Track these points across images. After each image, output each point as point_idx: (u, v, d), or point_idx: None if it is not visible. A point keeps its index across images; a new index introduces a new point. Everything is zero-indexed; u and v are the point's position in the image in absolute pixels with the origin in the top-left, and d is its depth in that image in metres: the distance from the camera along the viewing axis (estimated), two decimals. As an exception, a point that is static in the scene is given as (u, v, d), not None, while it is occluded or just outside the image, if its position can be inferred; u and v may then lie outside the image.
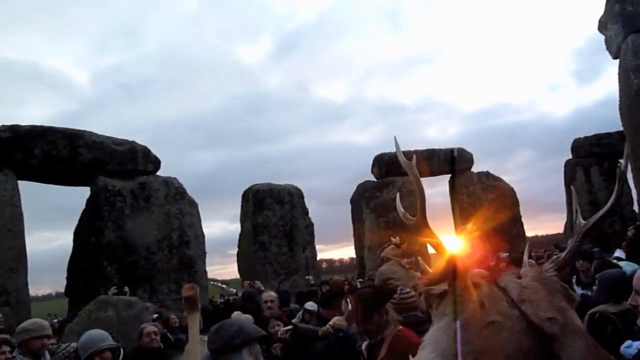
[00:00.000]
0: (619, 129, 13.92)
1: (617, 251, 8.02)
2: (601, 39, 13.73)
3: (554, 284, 1.03)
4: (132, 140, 13.08)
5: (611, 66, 13.37)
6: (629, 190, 16.78)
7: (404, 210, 1.29)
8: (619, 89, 12.61)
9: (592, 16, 14.20)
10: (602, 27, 13.56)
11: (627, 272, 5.06)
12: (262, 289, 7.97)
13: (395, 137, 1.32)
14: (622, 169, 1.24)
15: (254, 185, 16.33)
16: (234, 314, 5.82)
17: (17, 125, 11.30)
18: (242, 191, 16.69)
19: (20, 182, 11.36)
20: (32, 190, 12.81)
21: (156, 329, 5.16)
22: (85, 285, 11.27)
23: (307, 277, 11.53)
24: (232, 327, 2.11)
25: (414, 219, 1.23)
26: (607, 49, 13.42)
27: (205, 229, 13.75)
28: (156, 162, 13.42)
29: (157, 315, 6.77)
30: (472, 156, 18.89)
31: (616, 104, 12.97)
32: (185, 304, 2.24)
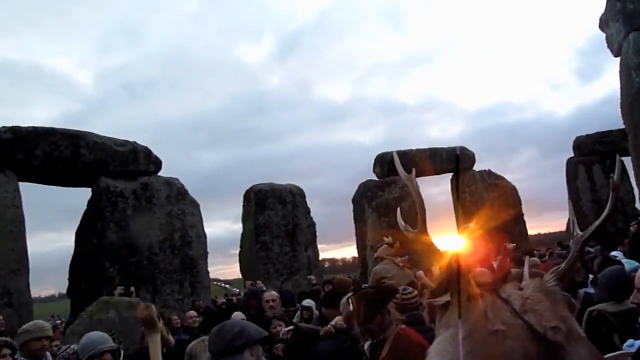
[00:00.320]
0: (621, 127, 13.87)
1: (616, 252, 7.94)
2: (602, 37, 13.68)
3: (557, 294, 1.03)
4: (133, 141, 13.09)
5: (613, 64, 13.33)
6: (632, 188, 16.76)
7: (404, 223, 1.28)
8: (621, 87, 12.57)
9: (593, 14, 14.17)
10: (604, 25, 13.51)
11: (627, 269, 5.05)
12: (264, 289, 7.95)
13: (395, 153, 1.32)
14: (616, 180, 1.22)
15: (256, 185, 16.32)
16: (235, 315, 5.81)
17: (19, 126, 11.30)
18: (244, 191, 16.69)
19: (22, 183, 11.37)
20: (35, 191, 12.84)
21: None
22: (87, 286, 11.28)
23: (309, 277, 11.52)
24: (234, 328, 2.07)
25: (415, 231, 1.23)
26: (609, 47, 13.38)
27: (208, 230, 13.76)
28: (158, 163, 13.43)
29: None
30: (474, 155, 18.88)
31: (618, 103, 12.93)
32: (144, 325, 2.19)
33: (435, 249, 1.21)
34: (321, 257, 18.03)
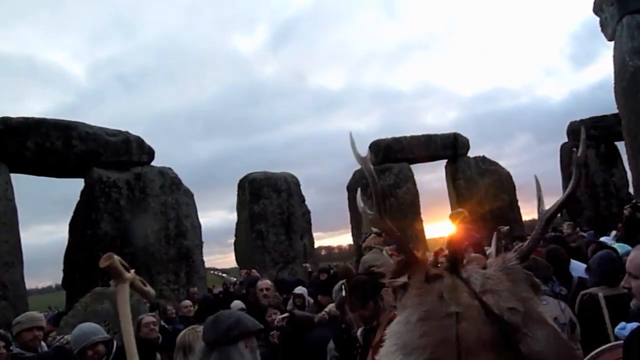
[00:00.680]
0: (615, 111, 13.88)
1: (606, 237, 7.98)
2: (596, 21, 13.64)
3: (518, 273, 1.01)
4: (125, 130, 12.98)
5: (606, 49, 13.31)
6: (625, 172, 16.81)
7: (363, 204, 1.26)
8: (614, 72, 12.55)
9: (587, -2, 14.11)
10: (597, 9, 13.46)
11: (620, 253, 5.07)
12: (259, 278, 7.96)
13: (350, 133, 1.27)
14: (579, 154, 1.22)
15: (251, 174, 16.25)
16: (234, 303, 5.81)
17: (9, 117, 11.17)
18: (239, 180, 16.62)
19: (15, 175, 11.27)
20: (30, 183, 12.74)
21: (154, 320, 5.15)
22: (82, 277, 11.23)
23: (304, 265, 11.54)
24: (230, 318, 2.04)
25: (372, 213, 1.21)
26: (603, 32, 13.34)
27: (204, 219, 13.72)
28: (151, 153, 13.34)
29: (149, 306, 6.74)
30: (468, 141, 18.87)
31: (612, 87, 12.92)
32: (112, 276, 2.18)
33: (392, 232, 1.20)
34: (317, 245, 18.07)
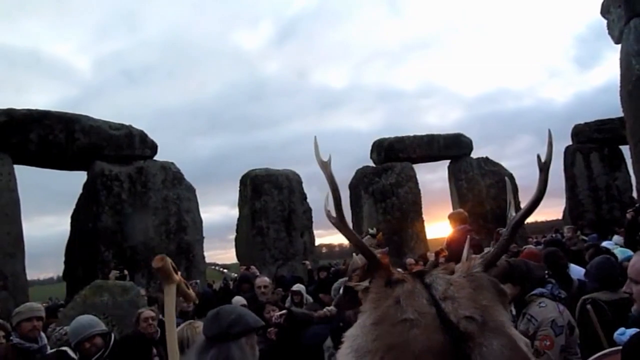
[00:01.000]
0: (620, 115, 13.80)
1: (607, 242, 7.91)
2: (603, 24, 13.56)
3: (481, 280, 0.99)
4: (128, 124, 12.99)
5: (612, 52, 13.22)
6: (629, 176, 16.74)
7: (328, 208, 1.24)
8: (620, 74, 12.48)
9: (594, 1, 14.03)
10: (605, 11, 13.38)
11: (620, 259, 5.06)
12: (257, 274, 7.95)
13: (315, 137, 1.27)
14: (544, 160, 1.18)
15: (252, 170, 16.24)
16: (236, 299, 5.81)
17: (13, 109, 11.19)
18: (240, 176, 16.62)
19: (17, 167, 11.29)
20: (33, 175, 12.77)
21: (154, 314, 5.14)
22: (83, 270, 11.28)
23: (304, 262, 11.53)
24: (231, 314, 2.02)
25: (334, 217, 1.21)
26: (609, 34, 13.26)
27: (205, 214, 13.71)
28: (153, 147, 13.34)
29: (147, 299, 6.74)
30: (471, 142, 18.83)
31: (617, 90, 12.85)
32: (160, 277, 2.17)
33: (352, 237, 1.21)
34: (318, 243, 18.05)
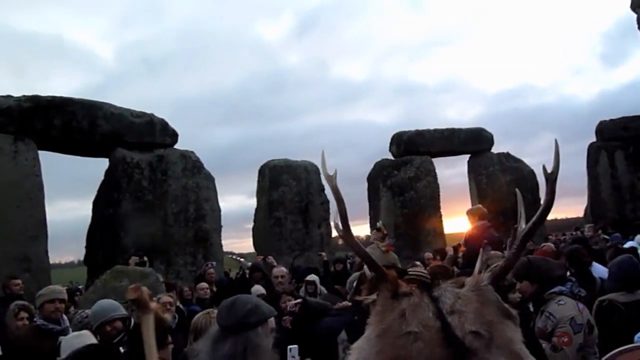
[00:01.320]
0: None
1: (631, 242, 7.76)
2: (632, 19, 13.24)
3: (489, 295, 0.98)
4: (150, 112, 13.11)
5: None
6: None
7: (336, 221, 1.26)
8: (649, 71, 12.17)
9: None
10: (635, 5, 13.06)
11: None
12: (275, 265, 8.00)
13: (323, 152, 1.29)
14: (551, 171, 1.14)
15: (271, 160, 16.28)
16: (255, 288, 5.87)
17: (38, 95, 11.39)
18: (259, 167, 16.68)
19: (42, 153, 11.51)
20: (57, 161, 12.99)
21: (171, 300, 5.22)
22: (103, 255, 11.48)
23: (320, 254, 11.57)
24: (247, 304, 2.00)
25: (341, 230, 1.22)
26: (639, 29, 12.94)
27: (223, 203, 13.80)
28: (174, 136, 13.46)
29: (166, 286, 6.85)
30: (492, 137, 18.56)
31: (644, 86, 12.54)
32: (136, 307, 2.11)
33: (359, 249, 1.21)
34: (334, 234, 18.07)
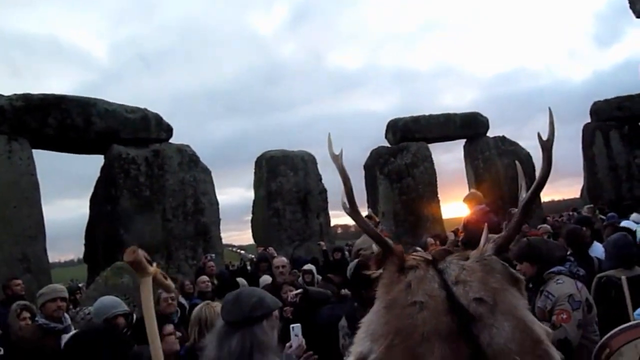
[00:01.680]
0: (641, 91, 13.50)
1: (626, 221, 7.76)
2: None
3: (493, 264, 1.00)
4: (144, 108, 13.06)
5: (632, 27, 12.88)
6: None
7: (345, 200, 1.25)
8: (643, 49, 12.15)
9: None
10: (627, -17, 13.00)
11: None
12: (275, 255, 8.04)
13: (329, 134, 1.30)
14: (546, 138, 1.16)
15: (268, 151, 16.27)
16: (262, 278, 5.89)
17: (30, 94, 11.29)
18: (256, 158, 16.66)
19: (37, 152, 11.45)
20: (53, 159, 12.95)
21: (173, 294, 5.24)
22: (103, 252, 11.49)
23: (319, 243, 11.61)
24: (252, 298, 1.97)
25: (349, 208, 1.23)
26: (631, 8, 12.91)
27: (222, 196, 13.81)
28: (169, 130, 13.42)
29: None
30: (488, 121, 18.58)
31: (637, 66, 12.54)
32: (134, 270, 2.10)
33: (366, 225, 1.22)
34: (333, 224, 18.12)
